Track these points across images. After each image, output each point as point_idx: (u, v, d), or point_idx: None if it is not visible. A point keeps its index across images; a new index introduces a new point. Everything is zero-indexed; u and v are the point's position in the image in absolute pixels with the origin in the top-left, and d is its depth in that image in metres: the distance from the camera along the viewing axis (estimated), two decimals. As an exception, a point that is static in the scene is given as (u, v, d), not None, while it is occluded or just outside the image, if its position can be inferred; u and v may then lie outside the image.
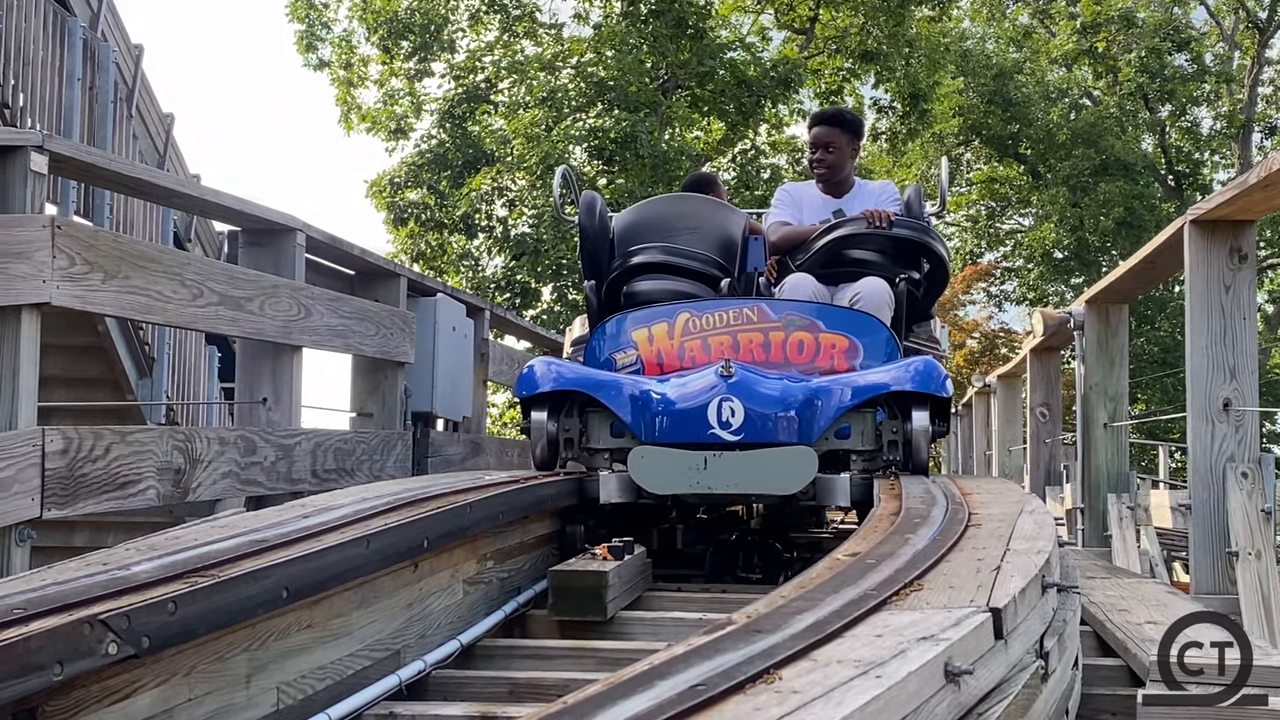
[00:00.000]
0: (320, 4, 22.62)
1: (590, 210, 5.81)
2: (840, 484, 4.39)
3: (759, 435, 4.32)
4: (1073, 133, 29.30)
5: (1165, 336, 27.75)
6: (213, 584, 2.43)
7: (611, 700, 1.61)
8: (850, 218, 5.58)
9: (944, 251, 5.61)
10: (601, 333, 5.18)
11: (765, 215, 6.08)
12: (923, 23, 24.37)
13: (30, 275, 3.72)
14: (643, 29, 20.90)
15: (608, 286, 5.60)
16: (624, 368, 4.95)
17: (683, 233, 5.68)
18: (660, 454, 4.32)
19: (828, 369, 4.79)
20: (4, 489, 3.59)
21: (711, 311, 4.98)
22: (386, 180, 21.20)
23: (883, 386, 4.49)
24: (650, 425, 4.44)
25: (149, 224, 10.25)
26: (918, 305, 5.60)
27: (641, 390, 4.53)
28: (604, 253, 5.75)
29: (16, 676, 1.95)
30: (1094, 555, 6.43)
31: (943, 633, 1.87)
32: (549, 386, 4.63)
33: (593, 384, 4.64)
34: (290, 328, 5.21)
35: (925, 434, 4.44)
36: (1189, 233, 5.01)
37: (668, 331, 4.97)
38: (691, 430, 4.35)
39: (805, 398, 4.42)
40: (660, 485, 4.34)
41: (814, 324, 4.90)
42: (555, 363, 4.90)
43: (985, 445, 12.83)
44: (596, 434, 4.65)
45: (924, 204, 5.92)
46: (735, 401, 4.32)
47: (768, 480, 4.27)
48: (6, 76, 8.22)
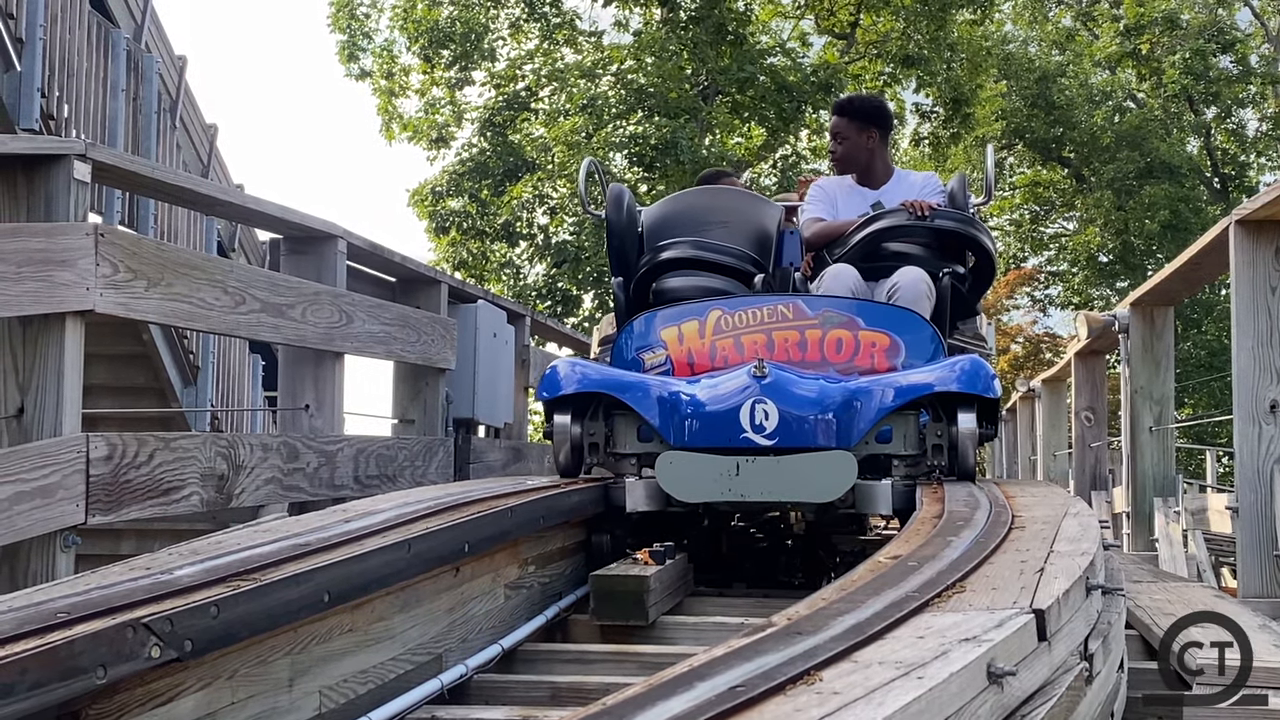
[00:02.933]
0: (361, 14, 22.76)
1: (618, 204, 5.52)
2: (881, 491, 4.12)
3: (795, 439, 4.09)
4: (1117, 135, 29.12)
5: (1212, 339, 27.51)
6: (254, 588, 2.43)
7: (651, 701, 1.61)
8: (890, 209, 5.33)
9: (990, 243, 5.35)
10: (629, 332, 4.94)
11: (801, 209, 5.86)
12: (964, 26, 24.26)
13: (74, 283, 3.74)
14: (682, 35, 20.91)
15: (636, 283, 5.33)
16: (652, 368, 4.71)
17: (714, 227, 5.43)
18: (689, 459, 4.10)
19: (868, 368, 4.53)
20: (49, 495, 3.61)
21: (744, 309, 4.72)
22: (428, 189, 21.29)
23: (926, 387, 4.22)
24: (679, 429, 4.21)
25: (193, 233, 10.34)
26: (962, 301, 5.30)
27: (670, 392, 4.31)
28: (632, 248, 5.49)
29: (61, 680, 1.96)
30: (1140, 560, 6.38)
31: (985, 634, 1.85)
32: (573, 388, 4.41)
33: (618, 385, 4.41)
34: (332, 334, 5.23)
35: (972, 437, 4.17)
36: (1234, 233, 4.96)
37: (698, 330, 4.73)
38: (723, 434, 4.12)
39: (844, 399, 4.17)
40: (689, 493, 4.13)
41: (853, 321, 4.64)
42: (579, 363, 4.71)
43: (1030, 450, 12.76)
44: (623, 438, 4.43)
45: (968, 194, 5.59)
46: (769, 404, 4.09)
47: (804, 487, 4.05)
48: (51, 88, 8.31)
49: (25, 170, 3.82)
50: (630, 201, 5.56)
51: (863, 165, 5.69)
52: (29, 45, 8.03)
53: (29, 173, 3.82)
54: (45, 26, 8.13)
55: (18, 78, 7.98)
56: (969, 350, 5.18)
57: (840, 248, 5.32)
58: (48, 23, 8.18)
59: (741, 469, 4.06)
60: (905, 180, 5.70)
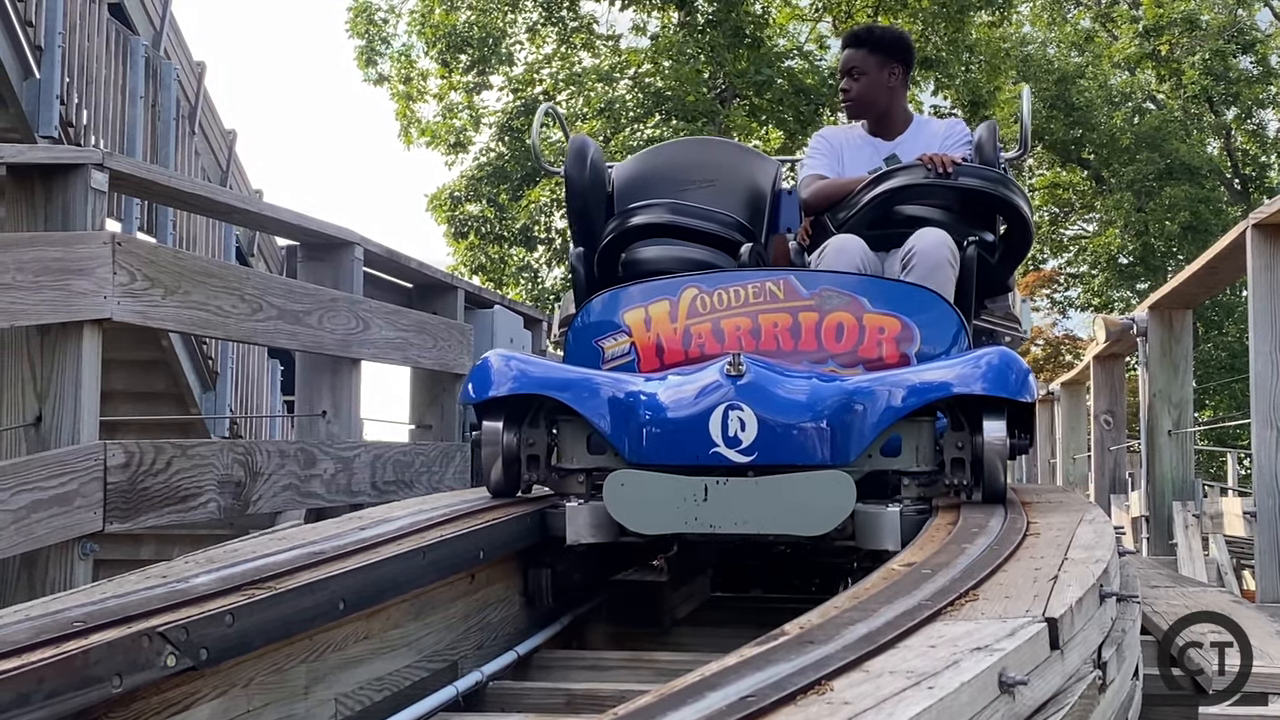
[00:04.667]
0: (379, 19, 22.80)
1: (579, 158, 4.72)
2: (886, 521, 3.31)
3: (778, 455, 3.31)
4: (1136, 137, 29.02)
5: (1233, 342, 27.40)
6: (270, 596, 2.45)
7: (661, 711, 1.61)
8: (903, 165, 4.43)
9: (1025, 205, 4.40)
10: (586, 314, 4.11)
11: (800, 165, 4.94)
12: (982, 28, 24.22)
13: (91, 291, 3.76)
14: (700, 39, 20.91)
15: (601, 254, 4.53)
16: (613, 359, 3.95)
17: (698, 186, 4.71)
18: (644, 481, 3.33)
19: (874, 360, 3.77)
20: (67, 503, 3.64)
21: (725, 286, 3.91)
22: (446, 194, 21.33)
23: (943, 388, 3.42)
24: (635, 440, 3.42)
25: (211, 239, 10.37)
26: (992, 275, 4.45)
27: (625, 393, 3.50)
28: (598, 212, 4.71)
29: (76, 689, 1.97)
30: (1159, 564, 6.36)
31: (997, 643, 1.85)
32: (505, 389, 3.57)
33: (561, 384, 3.59)
34: (349, 341, 5.25)
35: (1001, 450, 3.35)
36: (1251, 237, 4.95)
37: (669, 312, 3.92)
38: (688, 448, 3.33)
39: (841, 403, 3.39)
40: (644, 522, 3.34)
41: (856, 301, 3.85)
42: (516, 357, 3.80)
43: (1049, 453, 12.72)
44: (569, 450, 3.61)
45: (1000, 146, 4.73)
46: (746, 410, 3.30)
47: (788, 517, 3.27)
48: (70, 95, 8.35)
49: (43, 179, 3.85)
50: (596, 156, 4.81)
51: (881, 109, 4.78)
52: (48, 52, 8.07)
53: (46, 182, 3.84)
54: (64, 34, 8.17)
55: (37, 85, 8.02)
56: (999, 334, 4.66)
57: (845, 211, 4.45)
58: (66, 30, 8.22)
59: (710, 493, 3.28)
60: (925, 129, 4.81)
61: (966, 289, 4.26)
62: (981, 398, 3.37)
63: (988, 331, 4.63)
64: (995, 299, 4.63)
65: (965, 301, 4.22)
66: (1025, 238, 4.52)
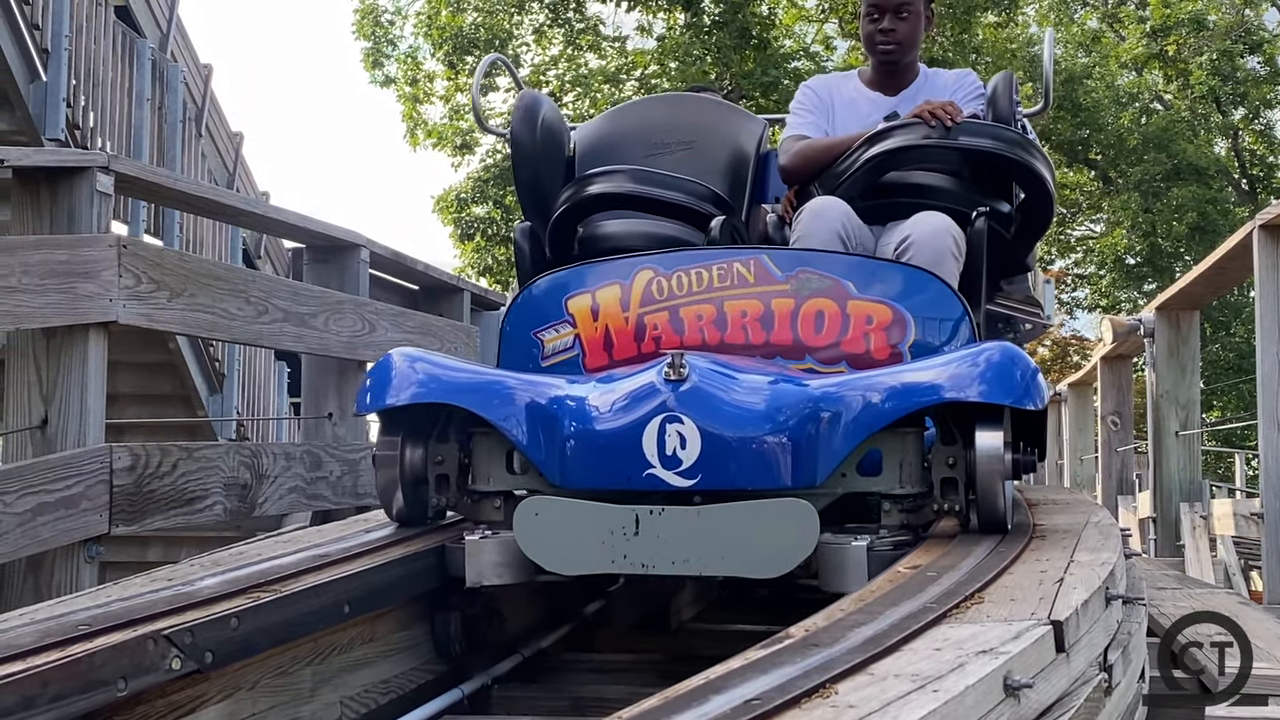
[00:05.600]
0: (386, 21, 22.83)
1: (529, 117, 4.09)
2: (851, 559, 2.72)
3: (726, 478, 2.75)
4: (1144, 137, 28.97)
5: (1241, 342, 27.33)
6: (275, 599, 2.45)
7: (665, 715, 1.61)
8: (899, 122, 3.72)
9: (1044, 169, 3.69)
10: (524, 301, 3.49)
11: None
12: (989, 29, 24.20)
13: (97, 294, 3.77)
14: (706, 40, 20.90)
15: (554, 230, 3.92)
16: (555, 355, 3.36)
17: (673, 149, 4.17)
18: (563, 510, 2.77)
19: (860, 355, 3.17)
20: (73, 505, 3.64)
21: (686, 268, 3.30)
22: (453, 195, 21.33)
23: (931, 391, 2.83)
24: (559, 459, 2.86)
25: (218, 242, 10.39)
26: (1008, 252, 3.82)
27: (548, 399, 2.94)
28: (553, 179, 4.11)
29: (81, 692, 1.98)
30: (1166, 565, 6.35)
31: (1002, 646, 1.85)
32: (406, 397, 3.02)
33: (470, 388, 3.02)
34: (355, 343, 5.25)
35: (999, 468, 2.77)
36: (1258, 238, 4.95)
37: (620, 299, 3.32)
38: (618, 470, 2.77)
39: (805, 412, 2.81)
40: (561, 561, 2.79)
41: (839, 285, 3.22)
42: (425, 357, 3.21)
43: (1057, 454, 12.71)
44: (485, 469, 3.06)
45: (1016, 99, 3.98)
46: (687, 422, 2.72)
47: (736, 555, 2.71)
48: (77, 97, 8.36)
49: (48, 182, 3.85)
50: (550, 115, 4.21)
51: (909, 57, 4.04)
52: (54, 55, 8.08)
53: (52, 185, 3.85)
54: (70, 37, 8.18)
55: (43, 88, 8.03)
56: (1017, 319, 4.14)
57: (834, 178, 3.75)
58: (73, 33, 8.23)
59: (642, 525, 2.72)
60: (933, 82, 4.07)
61: (975, 269, 3.61)
62: (977, 405, 2.80)
63: (1004, 318, 4.11)
64: (1013, 280, 4.03)
65: (972, 285, 3.60)
66: (1046, 208, 3.81)
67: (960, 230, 3.55)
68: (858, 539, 2.76)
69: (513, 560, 2.86)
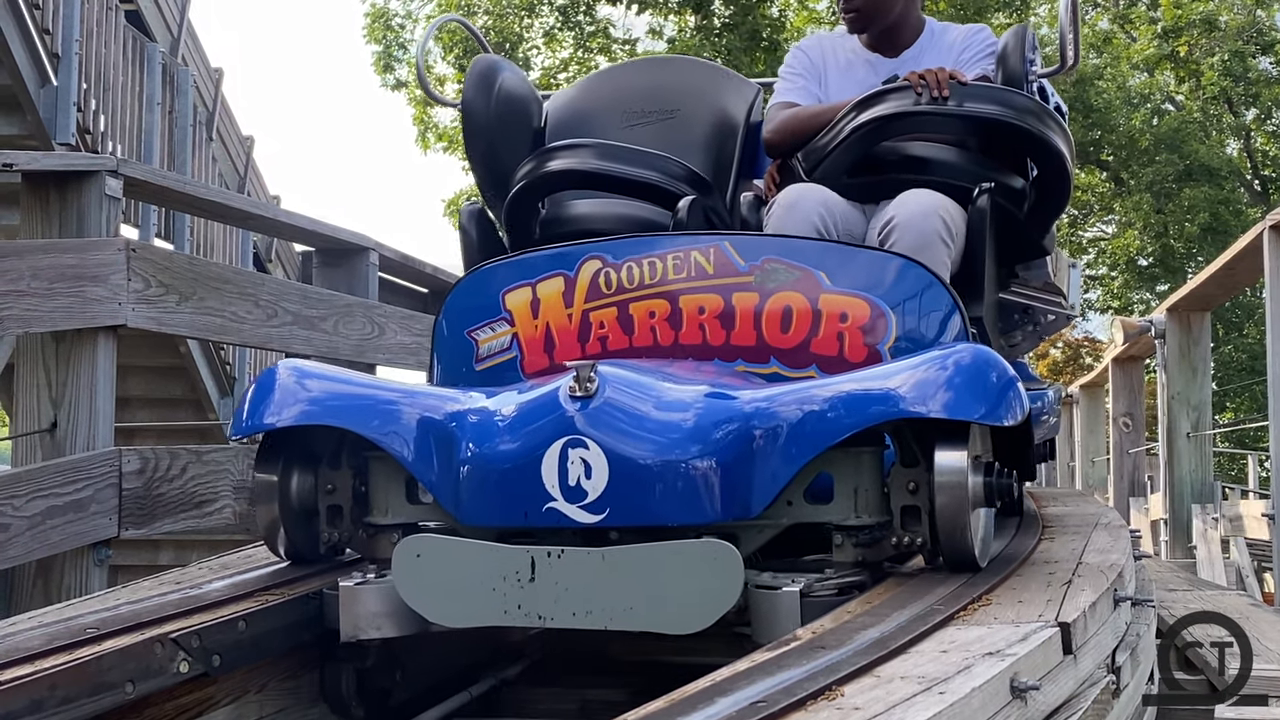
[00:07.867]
0: (396, 25, 22.87)
1: (484, 83, 3.68)
2: (783, 605, 2.30)
3: (640, 513, 2.33)
4: (1155, 138, 28.92)
5: (1253, 343, 27.27)
6: (283, 601, 2.45)
7: (671, 717, 1.61)
8: (892, 86, 3.25)
9: (1056, 139, 3.22)
10: (457, 294, 3.09)
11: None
12: (999, 30, 24.17)
13: (106, 298, 3.77)
14: (716, 43, 20.90)
15: (509, 212, 3.52)
16: (490, 357, 2.96)
17: (655, 119, 3.79)
18: (449, 550, 2.38)
19: (833, 357, 2.74)
20: (82, 509, 3.64)
21: (637, 258, 2.87)
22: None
23: (886, 402, 2.38)
24: (453, 488, 2.46)
25: (229, 245, 10.41)
26: (1020, 233, 3.38)
27: (445, 414, 2.53)
28: (512, 155, 3.63)
29: (89, 695, 1.98)
30: (1178, 567, 6.34)
31: (1009, 648, 1.84)
32: (289, 418, 2.60)
33: (358, 406, 2.61)
34: (364, 346, 5.25)
35: (961, 496, 2.34)
36: (1269, 238, 4.94)
37: (563, 293, 2.91)
38: (514, 502, 2.37)
39: (737, 432, 2.38)
40: (445, 611, 2.39)
41: (810, 277, 2.80)
42: (310, 371, 2.76)
43: (1068, 457, 12.69)
44: (382, 499, 2.67)
45: (1030, 58, 3.45)
46: (593, 447, 2.32)
47: (649, 607, 2.30)
48: (87, 101, 8.39)
49: (58, 186, 3.86)
50: (511, 82, 3.78)
51: (890, 20, 3.56)
52: (65, 59, 8.11)
53: (61, 189, 3.85)
54: (81, 41, 8.21)
55: (54, 92, 8.06)
56: (1036, 309, 3.75)
57: (820, 151, 3.34)
58: (83, 37, 8.27)
59: (539, 569, 2.31)
60: (940, 39, 3.58)
61: (977, 253, 3.18)
62: (939, 421, 2.37)
63: (1022, 308, 3.71)
64: (1030, 265, 3.58)
65: (974, 272, 3.19)
66: (1062, 183, 3.34)
67: (957, 209, 3.13)
68: (793, 581, 2.32)
69: (394, 610, 2.45)
